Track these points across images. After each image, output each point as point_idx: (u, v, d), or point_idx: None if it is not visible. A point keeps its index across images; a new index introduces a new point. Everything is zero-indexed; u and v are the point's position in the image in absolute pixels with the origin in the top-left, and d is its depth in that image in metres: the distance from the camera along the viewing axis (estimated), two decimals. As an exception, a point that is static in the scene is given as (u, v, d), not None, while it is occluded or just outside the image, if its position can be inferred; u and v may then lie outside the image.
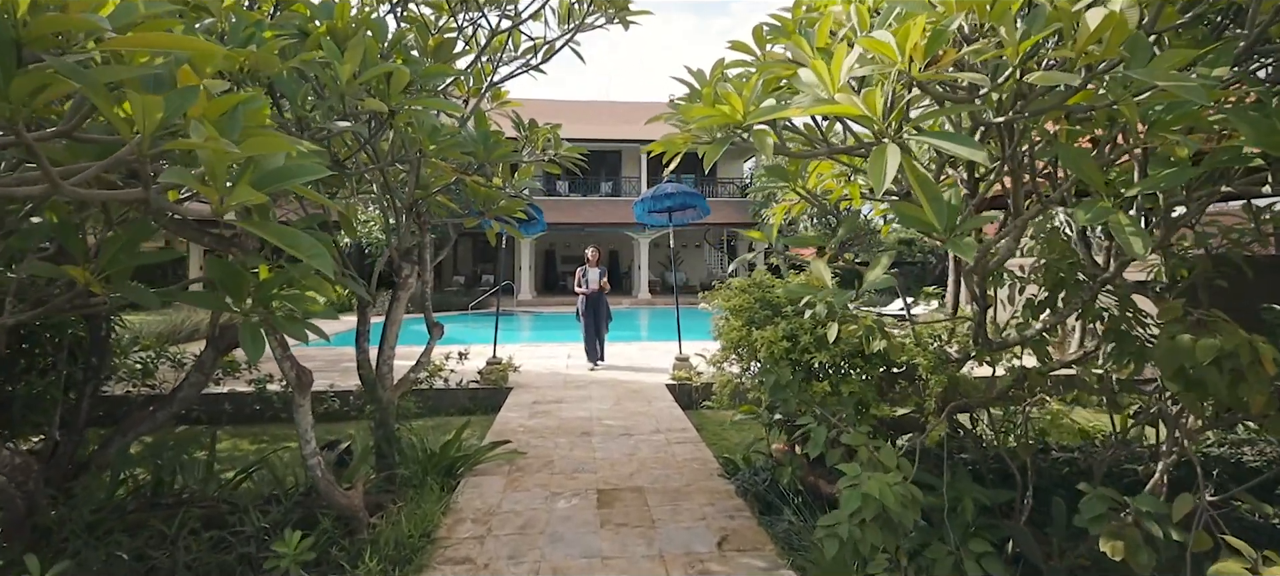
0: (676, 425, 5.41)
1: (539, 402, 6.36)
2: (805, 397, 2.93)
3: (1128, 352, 2.75)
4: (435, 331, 4.37)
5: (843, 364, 3.01)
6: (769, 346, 3.12)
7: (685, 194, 7.92)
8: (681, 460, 4.38)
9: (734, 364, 4.09)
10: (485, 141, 3.62)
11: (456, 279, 24.64)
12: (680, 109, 2.51)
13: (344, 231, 4.33)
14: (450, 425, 6.17)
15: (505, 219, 4.55)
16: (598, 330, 8.71)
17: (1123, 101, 1.71)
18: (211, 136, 1.42)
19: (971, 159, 1.56)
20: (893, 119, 1.72)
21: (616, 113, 28.89)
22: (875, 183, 1.54)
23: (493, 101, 4.75)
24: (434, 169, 4.20)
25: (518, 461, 4.32)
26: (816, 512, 3.13)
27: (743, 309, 3.54)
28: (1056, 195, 2.24)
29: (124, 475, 3.73)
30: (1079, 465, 3.65)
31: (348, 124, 2.66)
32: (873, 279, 2.30)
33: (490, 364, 7.29)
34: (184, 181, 1.41)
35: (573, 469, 4.19)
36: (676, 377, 7.17)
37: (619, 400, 6.42)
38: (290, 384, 3.13)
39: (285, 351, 3.12)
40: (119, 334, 4.87)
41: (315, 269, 3.08)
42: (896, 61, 1.70)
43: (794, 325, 3.19)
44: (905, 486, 2.06)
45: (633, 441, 4.87)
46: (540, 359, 9.31)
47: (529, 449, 4.67)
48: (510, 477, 4.02)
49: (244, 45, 2.22)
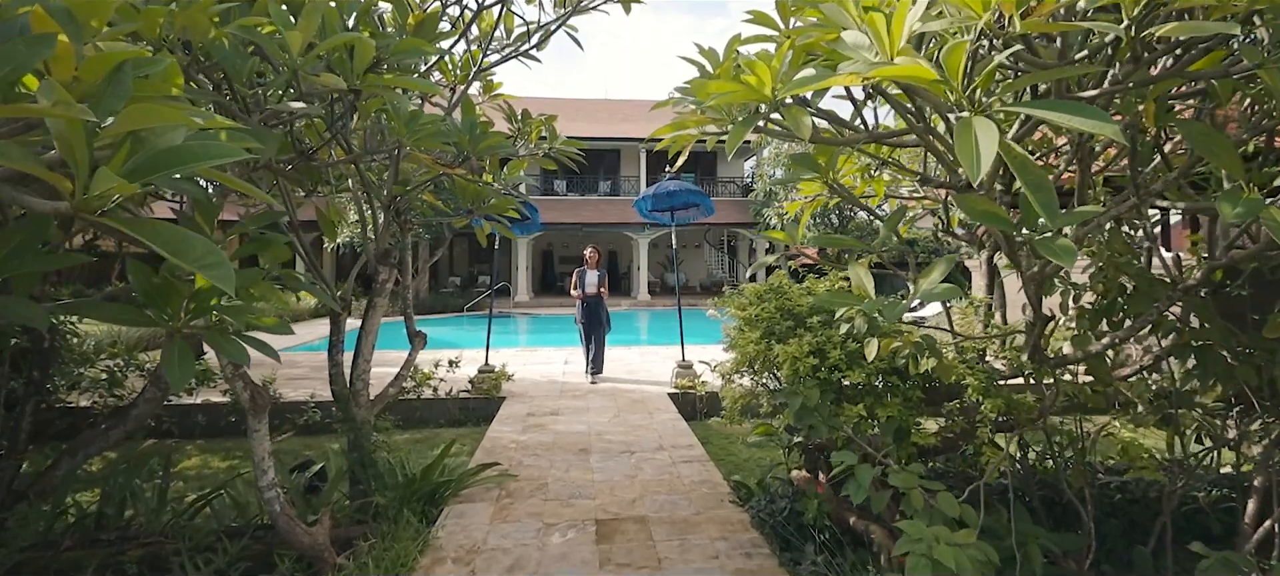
0: (681, 441, 5.02)
1: (533, 414, 5.96)
2: (835, 422, 2.54)
3: (1214, 372, 2.37)
4: (417, 341, 3.97)
5: (877, 382, 2.62)
6: (793, 363, 2.73)
7: (689, 192, 7.53)
8: (689, 482, 3.99)
9: (745, 375, 3.70)
10: (471, 131, 3.22)
11: (452, 280, 24.22)
12: (693, 86, 2.12)
13: (324, 233, 3.95)
14: (438, 438, 5.78)
15: (496, 218, 4.16)
16: (596, 338, 7.83)
17: (1267, 67, 1.33)
18: (63, 100, 1.02)
19: (1099, 133, 1.19)
20: (979, 83, 1.33)
21: (614, 111, 28.50)
22: (970, 168, 1.15)
23: (484, 95, 4.34)
24: (416, 162, 3.81)
25: (508, 485, 3.92)
26: (846, 552, 2.74)
27: (760, 319, 3.14)
28: (1160, 185, 1.85)
29: (68, 503, 3.33)
30: (1131, 492, 3.26)
31: (301, 105, 2.26)
32: (929, 288, 1.91)
33: (482, 372, 6.88)
34: (19, 164, 1.01)
35: (569, 494, 3.79)
36: (679, 386, 6.78)
37: (619, 412, 6.03)
38: (244, 405, 2.74)
39: (237, 369, 2.73)
40: (78, 340, 4.48)
41: (271, 274, 2.68)
42: (978, 13, 1.31)
43: (820, 338, 2.80)
44: (980, 547, 1.67)
45: (634, 460, 4.48)
46: (536, 365, 8.91)
47: (521, 469, 4.27)
48: (499, 505, 3.62)
49: (166, 1, 1.83)
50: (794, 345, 2.76)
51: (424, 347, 4.02)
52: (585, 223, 22.49)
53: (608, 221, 22.69)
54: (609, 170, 26.49)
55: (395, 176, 3.72)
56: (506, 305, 21.12)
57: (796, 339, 2.82)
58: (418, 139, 2.85)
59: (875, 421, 2.56)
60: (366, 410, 3.64)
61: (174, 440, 5.84)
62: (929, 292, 1.93)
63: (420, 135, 2.82)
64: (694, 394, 6.56)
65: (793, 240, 2.62)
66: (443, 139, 3.02)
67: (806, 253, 11.01)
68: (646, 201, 7.72)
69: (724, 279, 26.64)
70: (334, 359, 3.67)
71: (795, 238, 2.60)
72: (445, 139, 3.06)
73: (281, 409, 6.07)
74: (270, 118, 2.41)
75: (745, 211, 23.83)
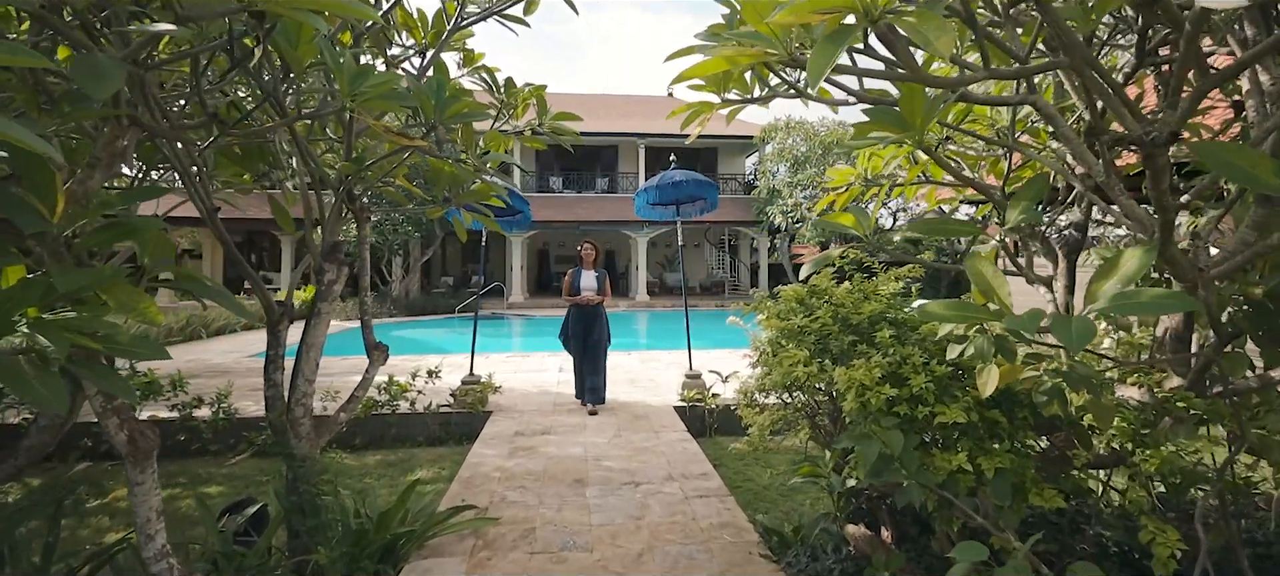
0: (693, 467, 4.31)
1: (522, 433, 5.25)
2: (926, 477, 1.84)
3: None
4: (377, 355, 3.26)
5: (974, 417, 1.92)
6: (859, 392, 2.03)
7: (696, 183, 6.81)
8: (706, 526, 3.29)
9: (772, 394, 3.01)
10: (438, 94, 2.51)
11: (445, 280, 23.46)
12: (743, 7, 1.45)
13: (281, 224, 3.28)
14: (413, 461, 5.06)
15: (477, 208, 3.46)
16: (591, 358, 5.99)
17: None
18: None
19: None
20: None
21: (612, 106, 27.79)
22: None
23: (466, 68, 3.62)
24: (375, 136, 3.11)
25: (487, 533, 3.21)
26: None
27: (808, 331, 2.44)
28: None
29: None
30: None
31: (173, 27, 1.55)
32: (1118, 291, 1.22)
33: (466, 383, 6.16)
34: None
35: (561, 543, 3.09)
36: (687, 399, 6.07)
37: (620, 430, 5.32)
38: (119, 449, 2.03)
39: (109, 401, 2.01)
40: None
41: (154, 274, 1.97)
42: None
43: (895, 357, 2.10)
44: None
45: (640, 494, 3.77)
46: (528, 372, 8.19)
47: (504, 508, 3.56)
48: (475, 560, 2.92)
49: None
50: (860, 369, 2.06)
51: (385, 362, 3.31)
52: (581, 221, 21.77)
53: (605, 219, 21.97)
54: (606, 167, 25.76)
55: (348, 152, 3.02)
56: (500, 306, 20.39)
57: (863, 360, 2.11)
58: (365, 100, 2.12)
59: (978, 473, 1.87)
60: (309, 442, 2.93)
61: (110, 464, 5.12)
62: (1123, 299, 1.23)
63: (368, 96, 2.09)
64: (703, 407, 5.85)
65: (863, 230, 1.92)
66: (398, 101, 2.30)
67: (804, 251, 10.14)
68: (648, 193, 6.99)
69: (725, 279, 25.95)
70: (270, 378, 2.97)
71: (868, 227, 1.91)
72: (402, 102, 2.34)
73: (238, 426, 5.35)
74: (133, 50, 1.70)
75: (747, 209, 23.14)
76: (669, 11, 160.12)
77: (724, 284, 25.56)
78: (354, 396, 3.20)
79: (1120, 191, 1.68)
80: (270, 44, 2.14)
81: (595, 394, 6.00)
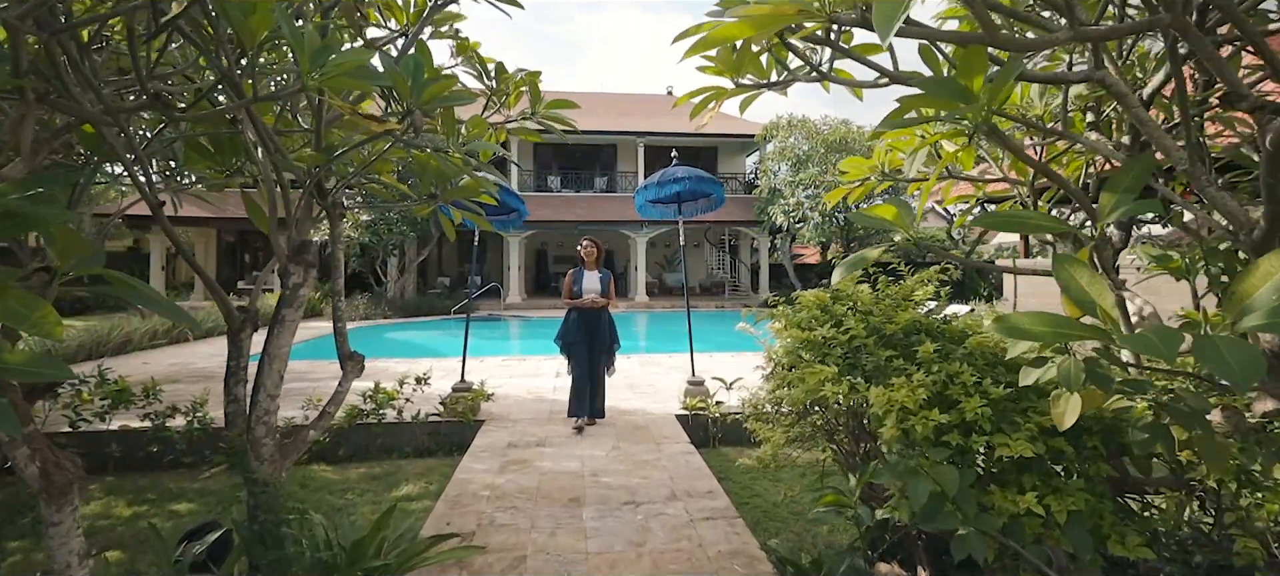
0: (698, 484, 4.01)
1: (515, 445, 4.94)
2: (986, 522, 1.54)
3: None
4: (351, 365, 2.97)
5: (1042, 449, 1.62)
6: (900, 416, 1.73)
7: (699, 179, 6.51)
8: (714, 554, 2.99)
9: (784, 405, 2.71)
10: (414, 73, 2.20)
11: (441, 280, 23.13)
12: None
13: (256, 222, 2.99)
14: (400, 474, 4.76)
15: (467, 205, 3.16)
16: (595, 370, 5.51)
17: None
18: None
19: None
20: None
21: (611, 104, 27.47)
22: None
23: (456, 57, 3.32)
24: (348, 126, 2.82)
25: (473, 562, 2.91)
26: None
27: (834, 343, 2.14)
28: None
29: None
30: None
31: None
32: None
33: (457, 390, 5.86)
34: None
35: (554, 575, 2.79)
36: (689, 407, 5.76)
37: (619, 441, 5.02)
38: (31, 484, 1.72)
39: (25, 427, 1.71)
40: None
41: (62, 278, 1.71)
42: None
43: (940, 375, 1.80)
44: None
45: (641, 516, 3.47)
46: (523, 377, 7.88)
47: (492, 533, 3.26)
48: (458, 595, 2.62)
49: None
50: (900, 388, 1.76)
51: (360, 373, 3.01)
52: (580, 220, 21.45)
53: (604, 219, 21.65)
54: (605, 166, 25.45)
55: (317, 141, 2.72)
56: (497, 307, 20.08)
57: (903, 378, 1.81)
58: (329, 78, 1.81)
59: (1047, 517, 1.57)
60: (272, 464, 2.63)
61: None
62: None
63: (333, 73, 1.79)
64: (706, 416, 5.55)
65: (905, 226, 1.62)
66: (367, 80, 1.99)
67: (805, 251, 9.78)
68: (649, 190, 6.69)
69: (725, 279, 25.64)
70: (231, 392, 2.67)
71: (914, 222, 1.60)
72: (372, 81, 2.02)
73: (215, 436, 5.04)
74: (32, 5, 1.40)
75: (747, 209, 22.83)
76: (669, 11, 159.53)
77: (724, 284, 25.25)
78: (325, 411, 2.90)
79: (1210, 181, 1.39)
80: (219, 13, 1.85)
81: (594, 409, 5.56)
